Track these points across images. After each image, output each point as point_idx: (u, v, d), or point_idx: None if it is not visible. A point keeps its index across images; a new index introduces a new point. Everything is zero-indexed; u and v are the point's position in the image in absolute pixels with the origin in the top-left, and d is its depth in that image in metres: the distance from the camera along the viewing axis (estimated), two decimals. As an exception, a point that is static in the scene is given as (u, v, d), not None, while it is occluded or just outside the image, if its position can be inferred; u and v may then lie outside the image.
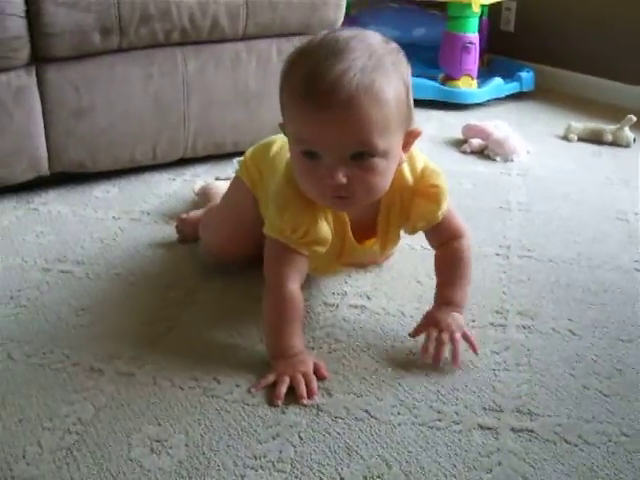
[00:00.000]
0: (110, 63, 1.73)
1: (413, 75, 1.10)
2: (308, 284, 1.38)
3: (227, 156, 2.00)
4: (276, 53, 1.94)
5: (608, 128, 2.32)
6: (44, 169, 1.74)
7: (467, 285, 1.25)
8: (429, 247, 1.31)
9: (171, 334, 1.24)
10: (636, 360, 1.21)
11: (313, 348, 1.21)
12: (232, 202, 1.42)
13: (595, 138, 2.33)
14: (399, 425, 1.04)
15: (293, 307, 1.16)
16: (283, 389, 1.08)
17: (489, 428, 1.04)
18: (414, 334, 1.21)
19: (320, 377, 1.13)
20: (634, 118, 2.27)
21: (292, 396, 1.09)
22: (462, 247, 1.25)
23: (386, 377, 1.14)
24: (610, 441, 1.02)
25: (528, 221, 1.73)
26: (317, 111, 0.99)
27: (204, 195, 1.67)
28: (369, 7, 2.76)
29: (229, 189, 1.44)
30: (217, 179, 1.76)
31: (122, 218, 1.68)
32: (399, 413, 1.07)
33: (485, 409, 1.08)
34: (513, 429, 1.04)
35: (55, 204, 1.75)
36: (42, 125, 1.70)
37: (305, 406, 1.07)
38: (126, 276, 1.43)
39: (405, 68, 1.07)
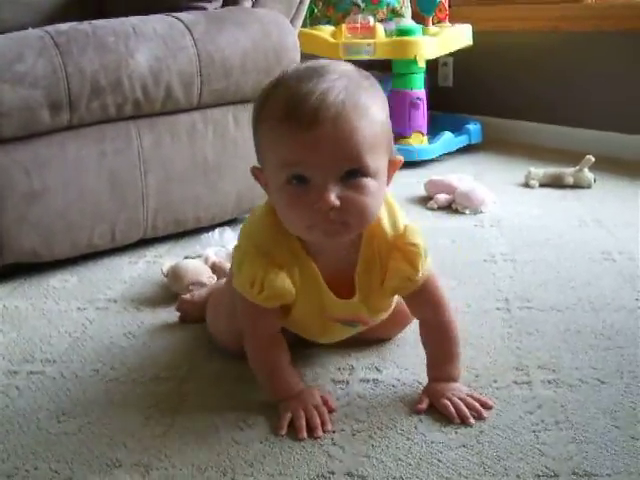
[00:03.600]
0: (61, 141, 1.61)
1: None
2: (311, 361, 1.28)
3: (189, 233, 1.88)
4: (233, 122, 1.86)
5: (568, 171, 2.30)
6: (-5, 261, 1.59)
7: (458, 359, 1.18)
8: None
9: (172, 432, 1.09)
10: (676, 402, 1.13)
11: (334, 431, 1.08)
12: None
13: (556, 182, 2.31)
14: (453, 507, 0.92)
15: (276, 352, 1.15)
16: (303, 422, 1.08)
17: (551, 497, 0.93)
18: (418, 411, 1.13)
19: (329, 409, 1.12)
20: (592, 158, 2.26)
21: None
22: (446, 323, 1.17)
23: (423, 455, 1.02)
24: (682, 495, 0.93)
25: (517, 271, 1.66)
26: (305, 130, 0.94)
27: (174, 276, 1.54)
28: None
29: (228, 279, 1.32)
30: (186, 257, 1.63)
31: (88, 308, 1.52)
32: (449, 493, 0.95)
33: (539, 476, 0.97)
34: (576, 496, 0.93)
35: (10, 299, 1.58)
36: (-9, 213, 1.55)
37: (319, 438, 1.06)
38: (106, 372, 1.27)
39: (382, 91, 1.05)
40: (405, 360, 1.27)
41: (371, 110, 0.98)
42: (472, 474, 0.98)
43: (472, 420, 1.09)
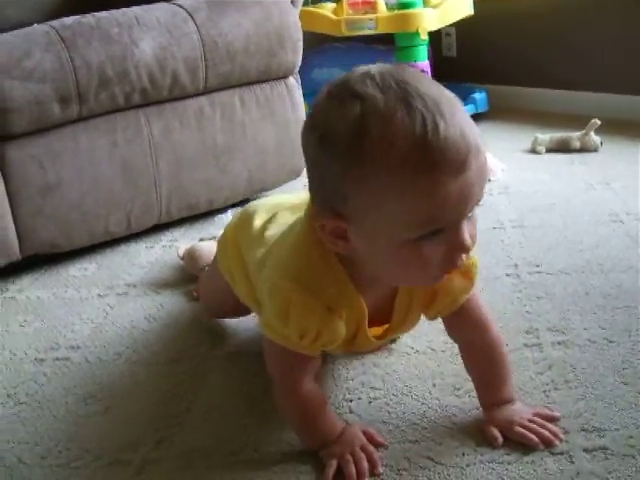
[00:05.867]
0: (72, 134, 1.65)
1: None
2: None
3: (203, 216, 1.92)
4: (239, 104, 1.89)
5: (574, 135, 2.31)
6: (15, 254, 1.63)
7: (511, 377, 1.07)
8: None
9: (194, 410, 1.14)
10: (682, 358, 1.16)
11: (351, 400, 1.12)
12: (213, 286, 1.35)
13: (563, 147, 2.32)
14: (467, 466, 0.96)
15: (313, 405, 1.01)
16: (352, 469, 0.96)
17: (560, 453, 0.97)
18: (496, 446, 1.00)
19: (377, 445, 1.00)
20: (598, 122, 2.26)
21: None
22: (494, 342, 1.06)
23: (438, 418, 1.06)
24: (690, 447, 0.96)
25: (526, 237, 1.68)
26: (456, 175, 0.78)
27: (190, 258, 1.58)
28: (314, 48, 2.73)
29: (209, 271, 1.38)
30: (201, 240, 1.67)
31: (108, 295, 1.57)
32: (464, 454, 0.98)
33: (550, 434, 1.01)
34: (586, 449, 0.97)
35: (32, 289, 1.63)
36: (8, 207, 1.60)
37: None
38: (129, 355, 1.32)
39: None
40: (418, 328, 1.28)
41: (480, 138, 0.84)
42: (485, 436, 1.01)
43: (557, 442, 0.98)
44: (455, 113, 0.80)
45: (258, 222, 1.16)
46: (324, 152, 0.83)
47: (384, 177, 0.79)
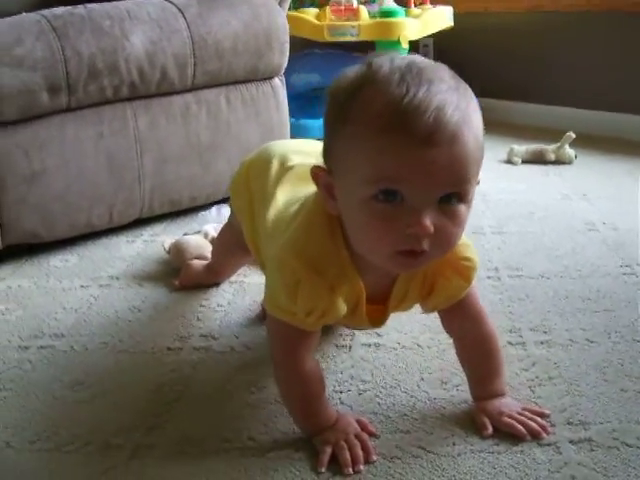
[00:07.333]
0: (59, 124, 1.64)
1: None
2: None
3: (184, 212, 1.92)
4: (225, 103, 1.89)
5: (550, 147, 2.36)
6: (-3, 242, 1.62)
7: (504, 372, 1.10)
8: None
9: (184, 399, 1.14)
10: (661, 358, 1.19)
11: (341, 392, 1.13)
12: (223, 239, 1.47)
13: (538, 159, 2.37)
14: (459, 455, 0.98)
15: (315, 385, 1.03)
16: (347, 455, 0.97)
17: (548, 444, 1.00)
18: (487, 436, 1.02)
19: (370, 434, 1.02)
20: (573, 135, 2.32)
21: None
22: (489, 335, 1.09)
23: (427, 410, 1.08)
24: (670, 439, 0.99)
25: (505, 242, 1.71)
26: (416, 146, 0.80)
27: (177, 251, 1.59)
28: (294, 53, 2.75)
29: (224, 224, 1.48)
30: (185, 234, 1.68)
31: (91, 286, 1.56)
32: (454, 444, 1.00)
33: (537, 428, 1.03)
34: (572, 441, 1.00)
35: (13, 278, 1.61)
36: (-5, 195, 1.58)
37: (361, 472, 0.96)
38: (115, 344, 1.31)
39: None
40: (404, 325, 1.31)
41: (479, 130, 0.86)
42: (474, 426, 1.04)
43: (544, 434, 1.01)
44: (448, 95, 0.83)
45: (274, 169, 1.19)
46: (327, 107, 0.90)
47: (356, 130, 0.84)
